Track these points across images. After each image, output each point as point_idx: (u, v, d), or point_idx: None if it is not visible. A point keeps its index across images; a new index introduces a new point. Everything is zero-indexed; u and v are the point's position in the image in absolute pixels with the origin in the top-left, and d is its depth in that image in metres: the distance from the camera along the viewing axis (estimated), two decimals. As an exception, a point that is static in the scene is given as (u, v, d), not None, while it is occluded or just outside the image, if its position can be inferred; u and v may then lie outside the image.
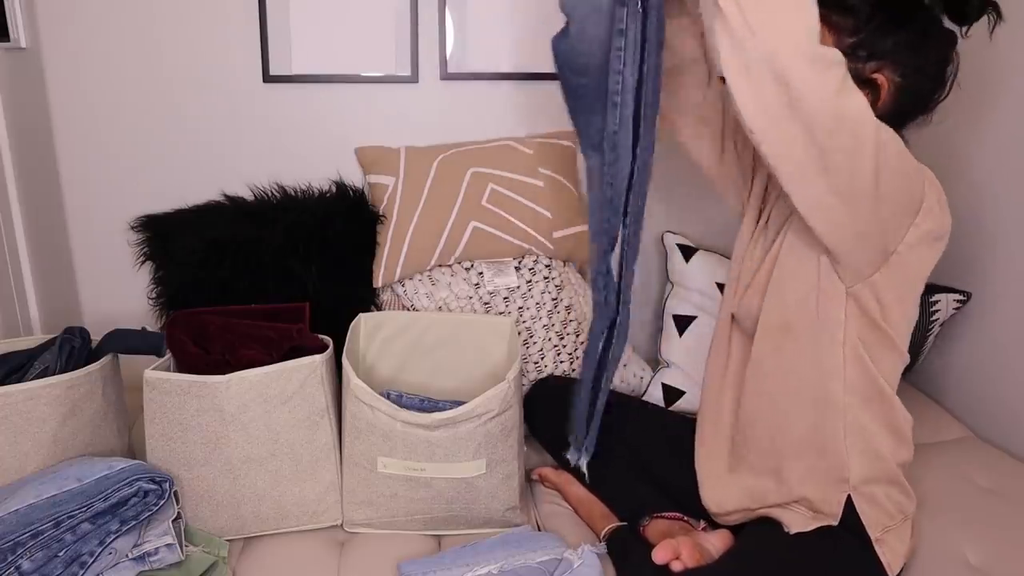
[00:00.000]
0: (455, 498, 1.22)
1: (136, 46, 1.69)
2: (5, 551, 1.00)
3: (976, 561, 1.19)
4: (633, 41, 0.92)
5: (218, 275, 1.65)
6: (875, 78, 1.01)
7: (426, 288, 1.69)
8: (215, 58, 1.73)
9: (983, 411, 1.65)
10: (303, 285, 1.66)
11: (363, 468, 1.23)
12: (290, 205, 1.74)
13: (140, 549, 1.05)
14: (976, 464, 1.45)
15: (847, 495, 1.08)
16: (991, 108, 1.63)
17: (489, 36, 1.79)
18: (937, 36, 1.03)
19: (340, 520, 1.28)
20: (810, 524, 1.09)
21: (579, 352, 1.66)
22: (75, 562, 1.00)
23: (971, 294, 1.69)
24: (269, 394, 1.18)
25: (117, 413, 1.35)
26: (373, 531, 1.26)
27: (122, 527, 1.04)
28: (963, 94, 1.72)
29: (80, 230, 1.77)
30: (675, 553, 1.07)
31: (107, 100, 1.71)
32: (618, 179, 0.99)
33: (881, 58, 1.00)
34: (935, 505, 1.30)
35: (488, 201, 1.71)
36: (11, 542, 1.01)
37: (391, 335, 1.47)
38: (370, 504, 1.25)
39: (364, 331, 1.45)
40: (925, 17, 1.03)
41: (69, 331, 1.37)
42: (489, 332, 1.50)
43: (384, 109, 1.80)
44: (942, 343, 1.78)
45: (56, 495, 1.07)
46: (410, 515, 1.24)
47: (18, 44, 1.67)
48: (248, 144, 1.78)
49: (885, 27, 1.00)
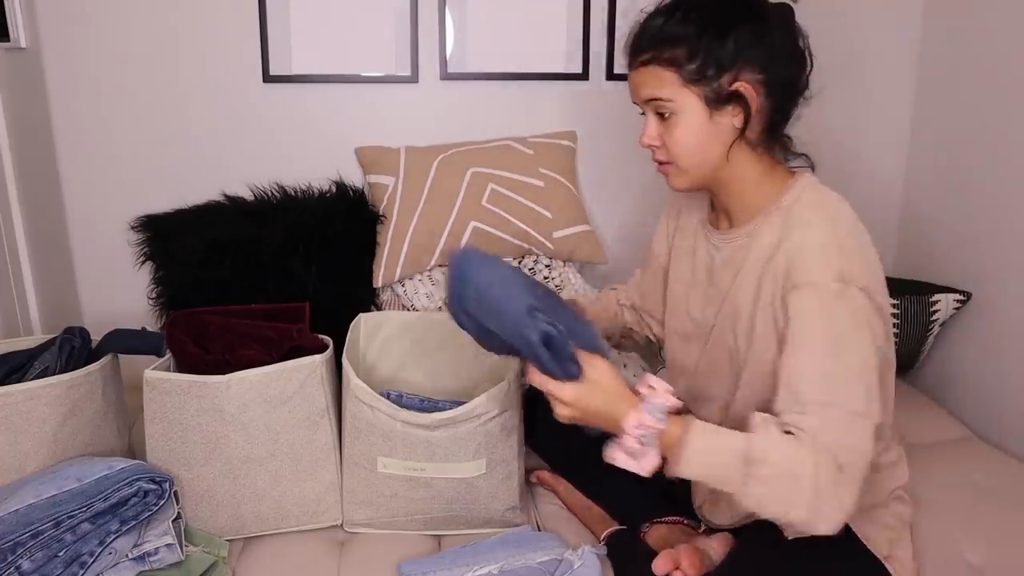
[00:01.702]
0: (455, 498, 1.22)
1: (136, 46, 1.69)
2: (5, 551, 1.00)
3: (976, 561, 1.19)
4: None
5: (218, 275, 1.65)
6: (737, 89, 0.96)
7: (426, 288, 1.69)
8: (215, 58, 1.73)
9: (983, 411, 1.65)
10: (303, 285, 1.66)
11: (363, 468, 1.22)
12: (290, 205, 1.74)
13: (140, 549, 1.04)
14: (976, 464, 1.44)
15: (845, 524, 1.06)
16: (990, 109, 1.63)
17: (489, 36, 1.79)
18: (770, 17, 0.98)
19: (340, 520, 1.28)
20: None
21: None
22: (75, 562, 1.00)
23: (971, 294, 1.69)
24: (269, 394, 1.18)
25: (117, 413, 1.35)
26: (373, 531, 1.26)
27: (122, 527, 1.04)
28: (968, 96, 1.72)
29: (80, 230, 1.77)
30: (675, 563, 1.06)
31: (107, 100, 1.71)
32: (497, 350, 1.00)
33: (731, 66, 0.96)
34: (935, 505, 1.30)
35: (488, 201, 1.71)
36: (11, 542, 1.01)
37: (391, 335, 1.47)
38: (370, 504, 1.24)
39: (364, 331, 1.44)
40: (749, 7, 0.98)
41: (69, 331, 1.37)
42: None
43: (384, 109, 1.80)
44: (942, 343, 1.78)
45: (56, 495, 1.07)
46: (410, 515, 1.24)
47: (18, 44, 1.67)
48: (248, 144, 1.78)
49: (718, 35, 0.95)
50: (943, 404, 1.74)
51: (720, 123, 0.99)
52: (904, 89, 1.91)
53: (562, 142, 1.82)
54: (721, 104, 0.97)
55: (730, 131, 0.99)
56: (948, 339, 1.77)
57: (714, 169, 1.02)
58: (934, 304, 1.71)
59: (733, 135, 0.99)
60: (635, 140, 1.06)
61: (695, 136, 0.99)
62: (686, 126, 0.98)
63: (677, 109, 0.98)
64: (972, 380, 1.70)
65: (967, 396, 1.71)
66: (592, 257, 1.79)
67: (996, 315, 1.63)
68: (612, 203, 1.92)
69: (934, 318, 1.72)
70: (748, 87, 0.96)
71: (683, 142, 0.99)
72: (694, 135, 0.99)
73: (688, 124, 0.98)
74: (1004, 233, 1.60)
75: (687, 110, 0.98)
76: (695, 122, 0.98)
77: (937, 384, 1.80)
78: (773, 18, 0.98)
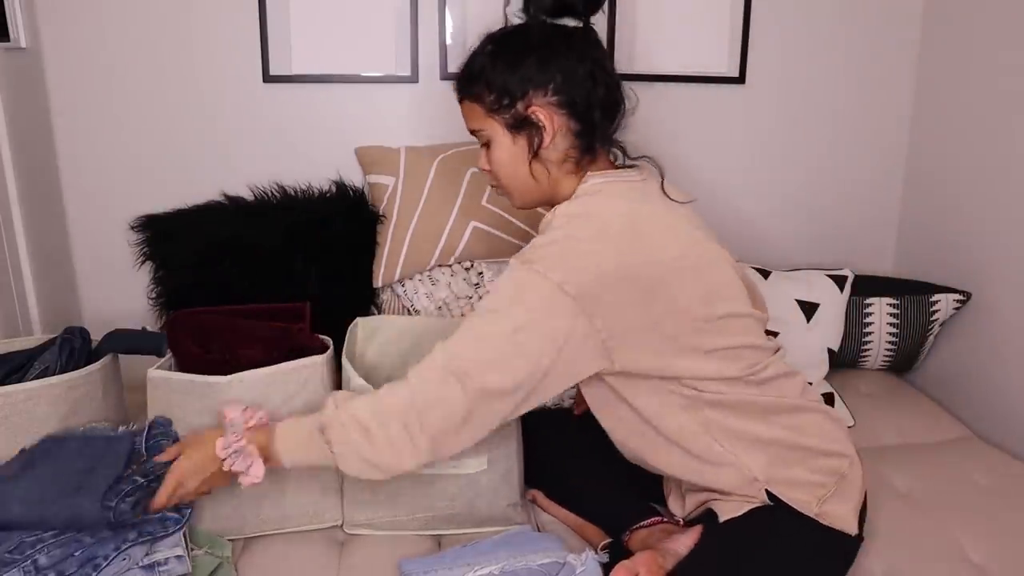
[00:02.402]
0: (457, 495, 1.22)
1: (136, 46, 1.69)
2: (25, 545, 1.02)
3: (976, 560, 1.19)
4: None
5: (218, 275, 1.65)
6: (530, 115, 1.05)
7: (426, 288, 1.69)
8: (215, 58, 1.73)
9: (983, 411, 1.65)
10: (303, 285, 1.66)
11: None
12: (290, 205, 1.74)
13: (151, 558, 1.06)
14: (976, 464, 1.44)
15: (764, 489, 1.07)
16: (990, 109, 1.64)
17: (489, 36, 1.79)
18: (557, 42, 1.06)
19: (341, 520, 1.28)
20: (742, 508, 1.08)
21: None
22: (89, 563, 1.01)
23: (971, 294, 1.69)
24: (270, 394, 1.18)
25: (117, 413, 1.35)
26: (374, 532, 1.26)
27: (139, 537, 1.05)
28: (968, 96, 1.72)
29: (80, 230, 1.77)
30: (633, 573, 1.05)
31: (107, 100, 1.71)
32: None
33: (523, 96, 1.05)
34: (935, 505, 1.30)
35: (488, 201, 1.71)
36: (35, 536, 1.03)
37: (388, 339, 1.47)
38: (371, 504, 1.24)
39: (361, 335, 1.45)
40: (531, 36, 1.07)
41: (69, 331, 1.37)
42: None
43: (384, 109, 1.80)
44: (942, 343, 1.78)
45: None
46: (412, 514, 1.24)
47: (18, 44, 1.67)
48: (248, 144, 1.78)
49: (507, 68, 1.05)
50: (943, 404, 1.74)
51: (522, 145, 1.08)
52: (904, 89, 1.91)
53: (562, 142, 1.82)
54: (520, 128, 1.07)
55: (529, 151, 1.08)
56: (948, 339, 1.77)
57: (535, 187, 1.10)
58: (934, 304, 1.71)
59: (531, 154, 1.07)
60: (635, 140, 1.11)
61: (507, 159, 1.09)
62: (498, 151, 1.09)
63: (489, 137, 1.09)
64: (972, 380, 1.70)
65: (967, 396, 1.71)
66: (592, 257, 1.79)
67: (996, 315, 1.63)
68: (612, 203, 1.92)
69: (934, 318, 1.72)
70: (540, 111, 1.05)
71: (498, 165, 1.11)
72: (506, 159, 1.09)
73: (499, 149, 1.09)
74: (1004, 233, 1.60)
75: (496, 137, 1.09)
76: (505, 147, 1.08)
77: (937, 384, 1.80)
78: (558, 42, 1.06)
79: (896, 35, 1.88)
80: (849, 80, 1.91)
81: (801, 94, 1.91)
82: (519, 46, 1.06)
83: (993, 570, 1.16)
